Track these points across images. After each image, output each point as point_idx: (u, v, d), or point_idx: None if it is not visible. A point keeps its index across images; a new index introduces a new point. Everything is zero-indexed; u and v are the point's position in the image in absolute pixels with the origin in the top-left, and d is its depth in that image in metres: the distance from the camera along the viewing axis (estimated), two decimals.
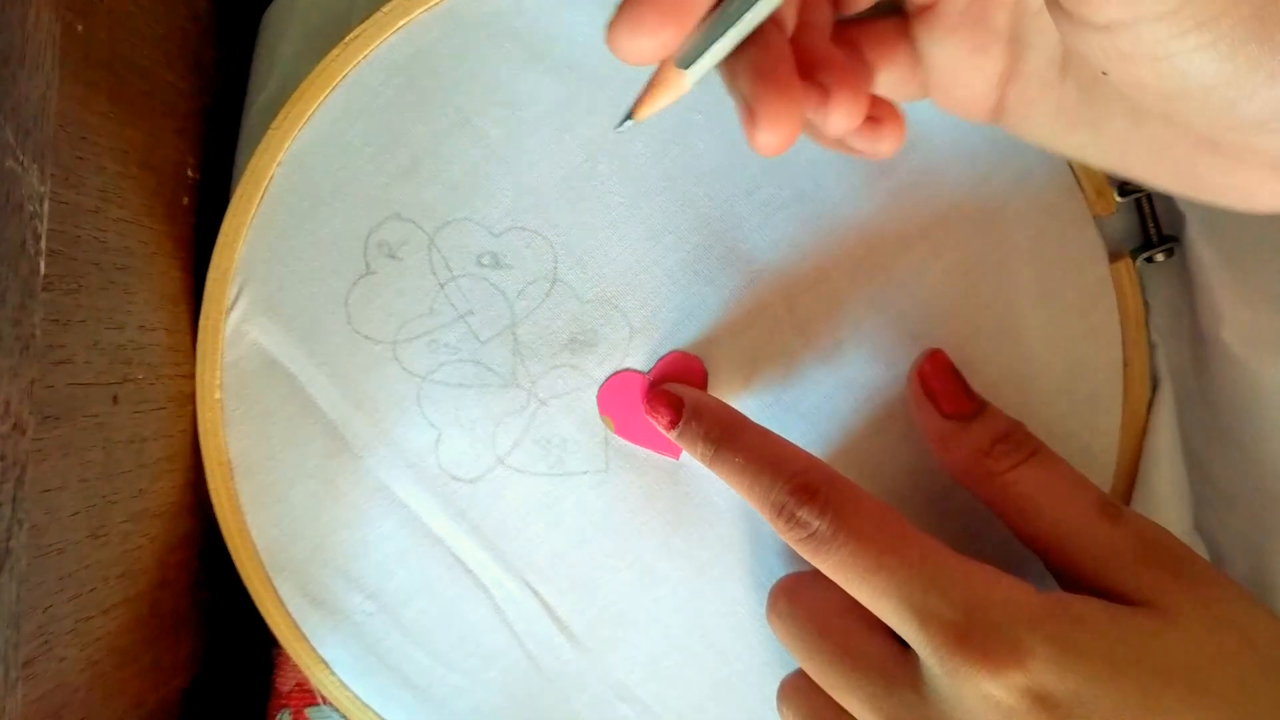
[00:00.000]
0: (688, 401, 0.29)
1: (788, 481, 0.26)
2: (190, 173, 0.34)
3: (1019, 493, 0.26)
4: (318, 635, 0.32)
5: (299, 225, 0.32)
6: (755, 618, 0.32)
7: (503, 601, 0.32)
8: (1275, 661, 0.23)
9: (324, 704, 0.34)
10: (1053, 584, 0.27)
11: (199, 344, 0.32)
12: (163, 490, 0.32)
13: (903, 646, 0.25)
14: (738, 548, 0.32)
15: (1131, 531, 0.25)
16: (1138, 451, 0.31)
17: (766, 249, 0.31)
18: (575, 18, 0.31)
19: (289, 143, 0.31)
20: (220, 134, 0.35)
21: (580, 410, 0.32)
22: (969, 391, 0.28)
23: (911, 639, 0.24)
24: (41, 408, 0.25)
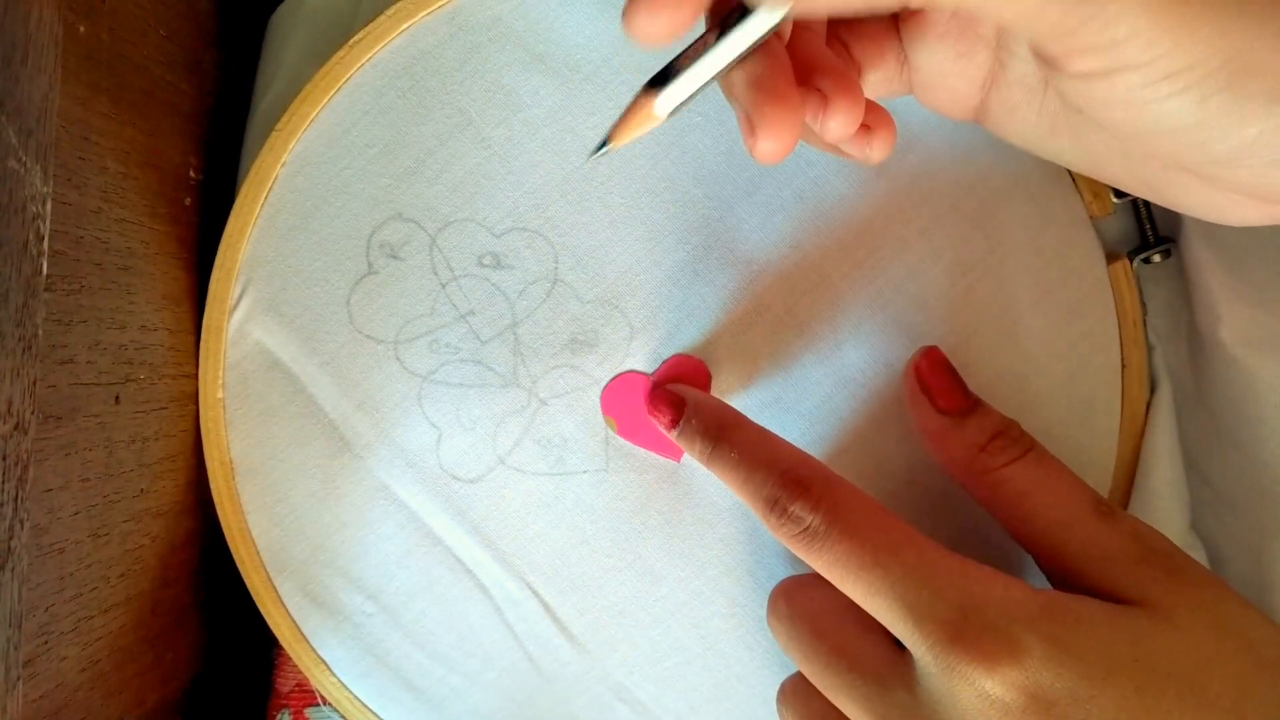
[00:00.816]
0: (688, 401, 0.29)
1: (780, 477, 0.26)
2: (192, 173, 0.34)
3: (1013, 490, 0.26)
4: (318, 636, 0.32)
5: (302, 225, 0.32)
6: (755, 619, 0.32)
7: (503, 602, 0.32)
8: (1272, 662, 0.23)
9: (324, 704, 0.34)
10: (1048, 585, 0.27)
11: (202, 344, 0.32)
12: (164, 490, 0.32)
13: (898, 648, 0.25)
14: (738, 548, 0.32)
15: (1125, 531, 0.25)
16: (1136, 452, 0.31)
17: (766, 250, 0.31)
18: (576, 20, 0.31)
19: (293, 144, 0.32)
20: (222, 135, 0.35)
21: (580, 410, 0.32)
22: (964, 388, 0.28)
23: (906, 638, 0.24)
24: (43, 407, 0.25)
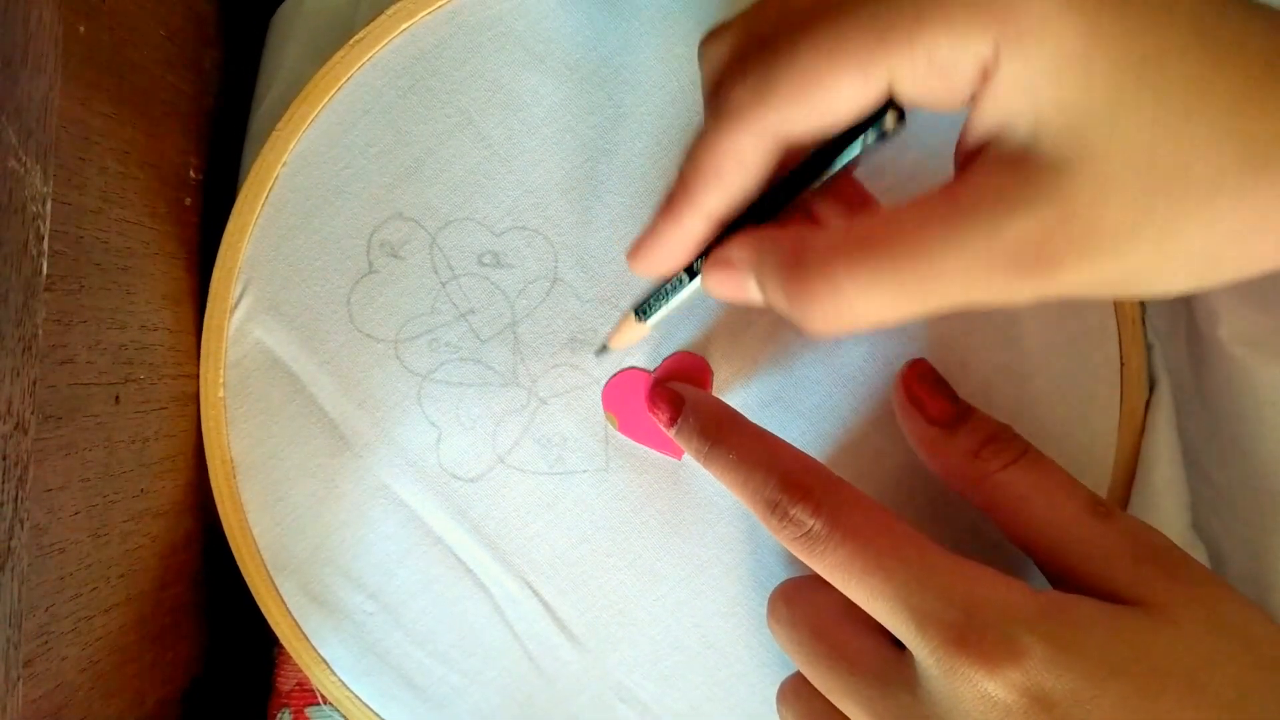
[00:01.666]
0: (687, 399, 0.29)
1: (781, 479, 0.26)
2: (192, 173, 0.34)
3: (1010, 493, 0.26)
4: (319, 634, 0.32)
5: (303, 224, 0.32)
6: (755, 618, 0.32)
7: (503, 601, 0.32)
8: (1272, 661, 0.23)
9: (324, 703, 0.34)
10: (1048, 586, 0.27)
11: (203, 343, 0.32)
12: (164, 490, 0.32)
13: (898, 649, 0.25)
14: (737, 548, 0.32)
15: (1123, 531, 0.25)
16: (1135, 451, 0.31)
17: None
18: (576, 21, 0.31)
19: (294, 143, 0.32)
20: (223, 135, 0.36)
21: (580, 409, 0.32)
22: (953, 396, 0.28)
23: (907, 639, 0.24)
24: (44, 407, 0.25)
